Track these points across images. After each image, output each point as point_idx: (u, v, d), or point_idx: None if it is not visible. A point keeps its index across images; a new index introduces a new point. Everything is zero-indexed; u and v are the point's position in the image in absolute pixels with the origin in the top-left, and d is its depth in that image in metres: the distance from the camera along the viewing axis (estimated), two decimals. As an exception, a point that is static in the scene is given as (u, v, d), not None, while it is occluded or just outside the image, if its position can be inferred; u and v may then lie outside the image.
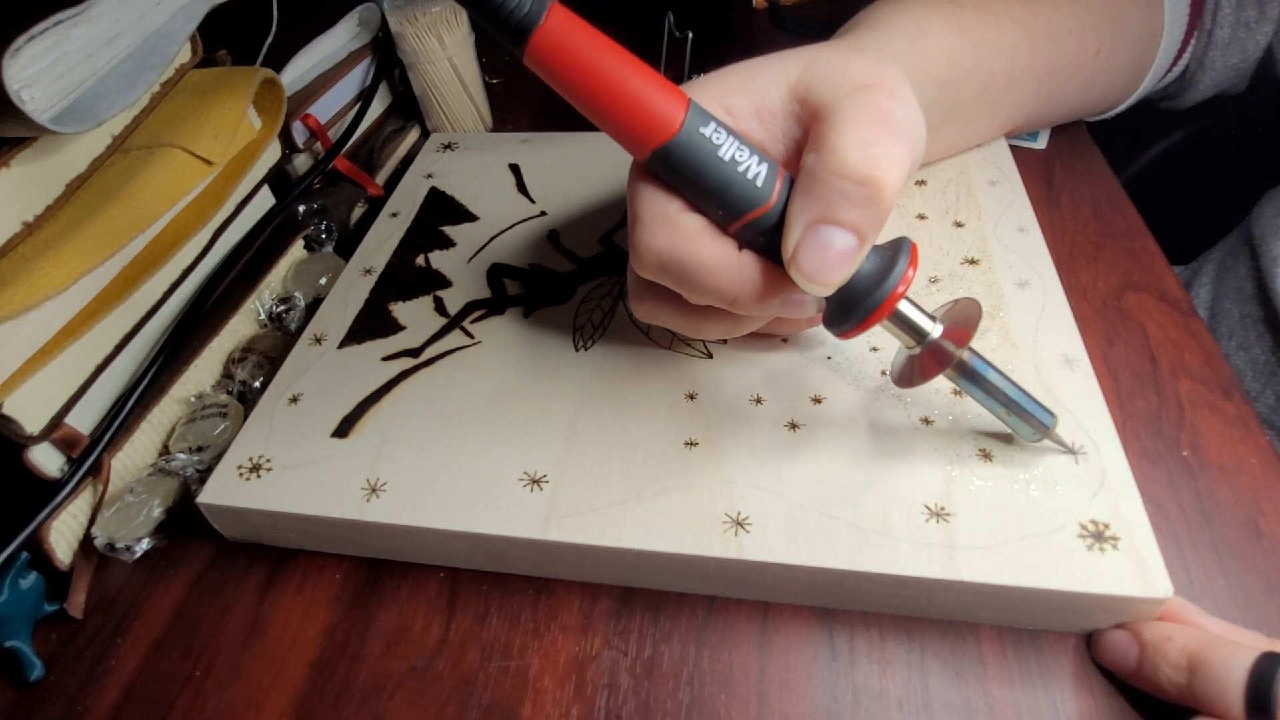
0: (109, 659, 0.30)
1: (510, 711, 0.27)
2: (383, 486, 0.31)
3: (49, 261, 0.30)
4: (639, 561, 0.29)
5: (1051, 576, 0.26)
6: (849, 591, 0.28)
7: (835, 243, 0.24)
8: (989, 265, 0.37)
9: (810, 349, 0.34)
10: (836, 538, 0.27)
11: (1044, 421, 0.28)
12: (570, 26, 0.24)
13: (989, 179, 0.42)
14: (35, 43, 0.27)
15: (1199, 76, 0.48)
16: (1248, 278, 0.47)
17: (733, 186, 0.25)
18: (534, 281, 0.40)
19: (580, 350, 0.35)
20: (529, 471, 0.31)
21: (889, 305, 0.26)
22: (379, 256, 0.42)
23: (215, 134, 0.37)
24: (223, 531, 0.33)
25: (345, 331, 0.38)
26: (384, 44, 0.54)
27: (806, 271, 0.24)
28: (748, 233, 0.26)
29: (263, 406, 0.35)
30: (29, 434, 0.31)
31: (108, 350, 0.34)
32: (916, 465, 0.29)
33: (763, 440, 0.31)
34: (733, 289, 0.26)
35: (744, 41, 0.64)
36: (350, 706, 0.28)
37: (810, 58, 0.27)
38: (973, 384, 0.28)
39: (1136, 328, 0.36)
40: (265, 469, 0.32)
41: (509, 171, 0.47)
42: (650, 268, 0.27)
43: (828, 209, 0.24)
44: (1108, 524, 0.27)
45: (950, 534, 0.27)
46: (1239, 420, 0.32)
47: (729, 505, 0.29)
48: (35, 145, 0.30)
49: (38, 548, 0.31)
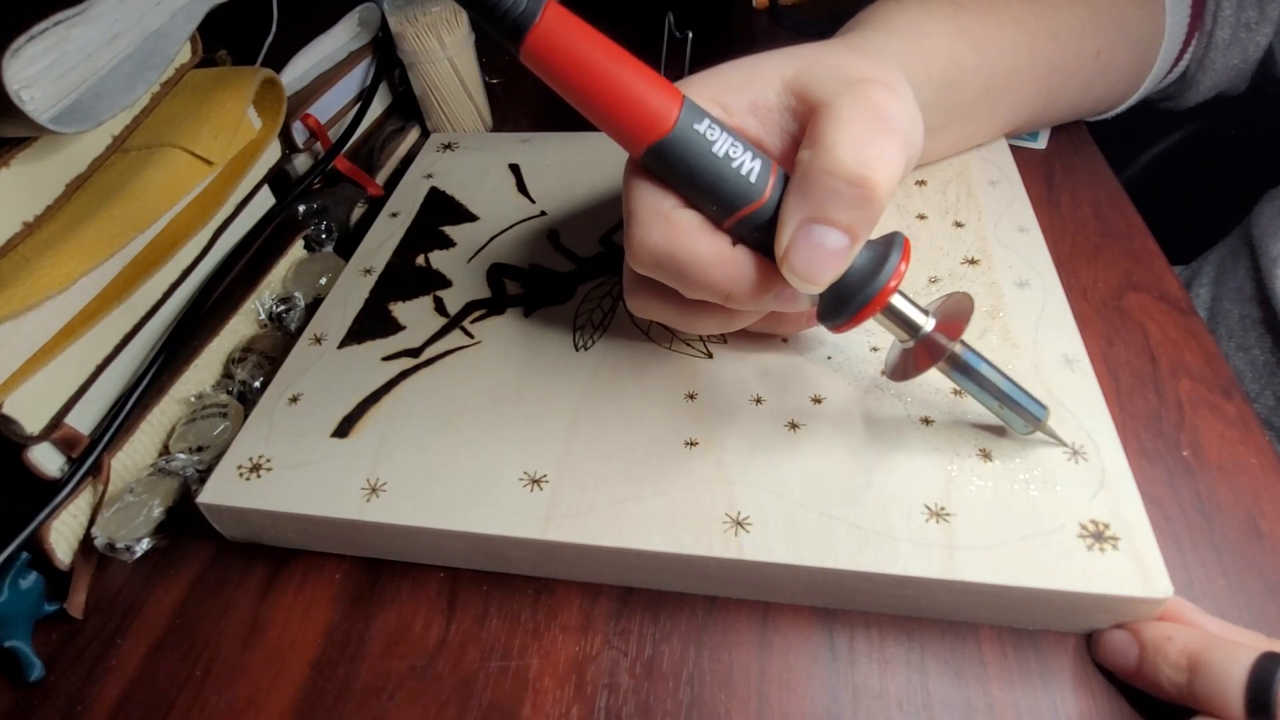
0: (109, 659, 0.30)
1: (510, 711, 0.27)
2: (383, 486, 0.31)
3: (49, 261, 0.30)
4: (639, 561, 0.29)
5: (1051, 576, 0.26)
6: (849, 591, 0.28)
7: (827, 242, 0.24)
8: (989, 265, 0.37)
9: (810, 349, 0.34)
10: (837, 538, 0.27)
11: (1036, 414, 0.28)
12: (565, 25, 0.24)
13: (989, 179, 0.42)
14: (35, 43, 0.27)
15: (1199, 77, 0.48)
16: (1247, 278, 0.47)
17: (726, 182, 0.25)
18: (534, 281, 0.40)
19: (580, 350, 0.35)
20: (529, 471, 0.31)
21: (881, 299, 0.26)
22: (379, 256, 0.42)
23: (215, 134, 0.37)
24: (223, 531, 0.33)
25: (345, 331, 0.38)
26: (384, 44, 0.54)
27: (798, 270, 0.25)
28: (741, 228, 0.26)
29: (263, 406, 0.35)
30: (29, 434, 0.31)
31: (108, 350, 0.34)
32: (916, 465, 0.29)
33: (763, 440, 0.31)
34: (727, 284, 0.26)
35: (744, 41, 0.64)
36: (350, 706, 0.28)
37: (807, 54, 0.28)
38: (965, 377, 0.28)
39: (1136, 328, 0.36)
40: (265, 469, 0.32)
41: (509, 171, 0.47)
42: (645, 263, 0.27)
43: (820, 208, 0.24)
44: (1108, 524, 0.27)
45: (950, 534, 0.27)
46: (1239, 420, 0.32)
47: (729, 505, 0.29)
48: (35, 145, 0.30)
49: (38, 548, 0.31)
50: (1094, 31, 0.42)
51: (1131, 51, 0.45)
